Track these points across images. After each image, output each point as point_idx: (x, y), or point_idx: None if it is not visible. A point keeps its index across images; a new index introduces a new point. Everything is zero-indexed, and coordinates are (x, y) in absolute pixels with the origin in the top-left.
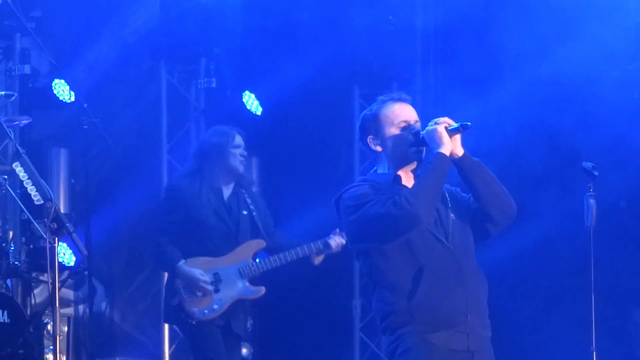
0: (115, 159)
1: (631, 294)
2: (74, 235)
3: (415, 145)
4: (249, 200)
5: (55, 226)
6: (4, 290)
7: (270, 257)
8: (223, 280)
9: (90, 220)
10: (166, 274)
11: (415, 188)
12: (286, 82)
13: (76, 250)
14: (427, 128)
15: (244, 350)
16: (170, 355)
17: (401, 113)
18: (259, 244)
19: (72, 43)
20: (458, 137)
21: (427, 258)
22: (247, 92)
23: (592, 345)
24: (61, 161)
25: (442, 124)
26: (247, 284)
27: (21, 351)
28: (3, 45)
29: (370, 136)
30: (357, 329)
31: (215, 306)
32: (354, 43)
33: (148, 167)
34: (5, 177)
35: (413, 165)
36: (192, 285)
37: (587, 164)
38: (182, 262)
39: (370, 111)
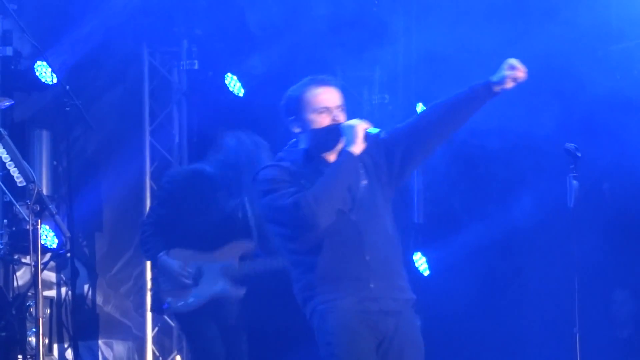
0: (97, 141)
1: (613, 274)
2: (57, 217)
3: (333, 133)
4: (246, 199)
5: (38, 208)
6: None
7: (255, 261)
8: (204, 276)
9: (73, 202)
10: None
11: (319, 190)
12: (268, 63)
13: (59, 233)
14: (346, 124)
15: None
16: (153, 338)
17: (323, 99)
18: (246, 246)
19: (54, 25)
20: None
21: (329, 232)
22: (229, 74)
23: (575, 326)
24: (43, 143)
25: (363, 125)
26: (228, 284)
27: (3, 334)
28: None
29: (292, 117)
30: None
31: (191, 299)
32: (335, 24)
33: (130, 149)
34: None
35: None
36: (170, 276)
37: (570, 145)
38: (162, 254)
39: (293, 92)
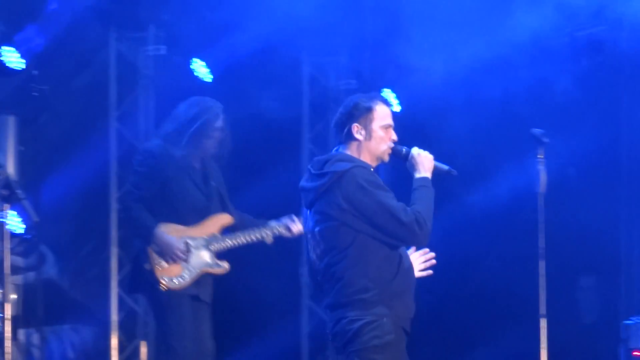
0: (64, 127)
1: (579, 261)
2: (25, 201)
3: (396, 155)
4: (213, 172)
5: (7, 193)
6: None
7: (237, 233)
8: (192, 251)
9: (40, 187)
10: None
11: (428, 212)
12: (236, 49)
13: (26, 217)
14: (417, 152)
15: None
16: (119, 323)
17: (389, 116)
18: (227, 219)
19: (22, 9)
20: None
21: (403, 251)
22: (196, 60)
23: (541, 311)
24: (9, 128)
25: (432, 158)
26: (214, 258)
27: None
28: None
29: (357, 124)
30: (306, 297)
31: (186, 275)
32: (303, 11)
33: (97, 135)
34: None
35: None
36: (167, 251)
37: (537, 131)
38: (158, 228)
39: (364, 102)
